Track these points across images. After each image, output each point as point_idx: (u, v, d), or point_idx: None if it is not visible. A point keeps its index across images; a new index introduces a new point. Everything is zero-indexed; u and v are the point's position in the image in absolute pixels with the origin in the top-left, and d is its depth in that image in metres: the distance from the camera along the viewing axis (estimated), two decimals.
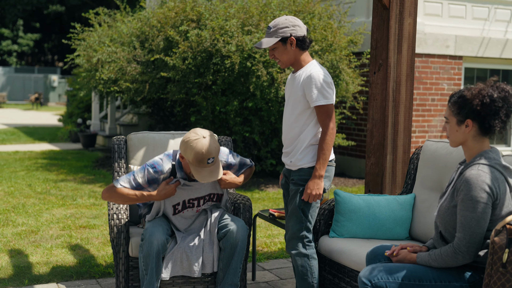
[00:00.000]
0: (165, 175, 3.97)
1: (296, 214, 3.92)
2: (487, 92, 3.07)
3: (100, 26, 12.10)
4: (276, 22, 3.87)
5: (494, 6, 10.91)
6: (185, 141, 3.81)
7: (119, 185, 3.94)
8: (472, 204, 2.99)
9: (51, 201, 8.07)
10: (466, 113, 3.11)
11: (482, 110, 3.07)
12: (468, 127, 3.12)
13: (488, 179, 3.01)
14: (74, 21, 39.33)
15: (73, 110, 16.67)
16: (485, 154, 3.12)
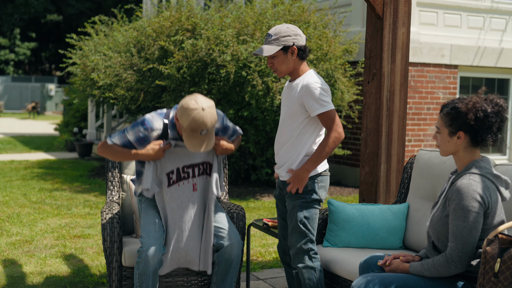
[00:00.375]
0: (156, 133, 3.88)
1: (298, 229, 3.86)
2: (481, 106, 3.07)
3: (97, 35, 12.12)
4: (278, 30, 3.78)
5: (489, 15, 10.95)
6: (184, 107, 3.71)
7: (110, 141, 3.93)
8: (463, 214, 2.99)
9: (46, 210, 8.05)
10: (459, 125, 3.11)
11: (476, 124, 3.07)
12: (460, 139, 3.13)
13: (479, 188, 3.01)
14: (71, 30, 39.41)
15: (69, 119, 16.66)
16: (476, 163, 3.12)
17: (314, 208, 3.87)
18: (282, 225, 4.12)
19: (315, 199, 3.86)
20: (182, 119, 3.72)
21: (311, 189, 3.84)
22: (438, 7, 10.48)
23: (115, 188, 4.68)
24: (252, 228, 6.79)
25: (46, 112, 40.13)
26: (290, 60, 3.80)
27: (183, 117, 3.71)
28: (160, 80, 9.14)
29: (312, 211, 3.87)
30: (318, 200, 3.88)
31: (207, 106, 3.72)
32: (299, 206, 3.85)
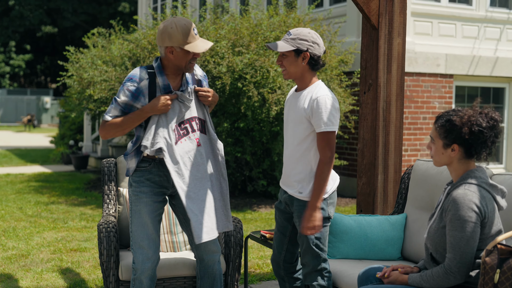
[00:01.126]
0: (144, 83, 3.71)
1: (312, 251, 3.78)
2: (476, 120, 3.07)
3: (94, 47, 12.12)
4: (299, 31, 3.71)
5: (483, 25, 10.98)
6: (164, 30, 3.65)
7: (108, 117, 3.73)
8: (460, 224, 2.98)
9: (42, 224, 8.01)
10: (453, 138, 3.10)
11: (470, 139, 3.07)
12: (454, 151, 3.12)
13: (476, 198, 3.00)
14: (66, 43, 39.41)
15: (65, 131, 16.63)
16: (471, 173, 3.11)
17: (324, 227, 3.78)
18: (279, 238, 4.03)
19: (325, 217, 3.77)
20: (172, 38, 3.63)
21: (321, 208, 3.75)
22: (432, 17, 10.51)
23: (111, 202, 4.66)
24: (249, 240, 6.76)
25: (42, 124, 40.08)
26: (300, 65, 3.71)
27: (172, 36, 3.63)
28: None
29: (323, 230, 3.78)
30: (328, 218, 3.80)
31: (174, 16, 3.71)
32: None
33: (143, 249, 3.80)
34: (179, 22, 3.65)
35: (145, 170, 3.81)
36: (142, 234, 3.80)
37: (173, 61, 3.71)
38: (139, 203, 3.80)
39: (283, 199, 3.93)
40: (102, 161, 4.76)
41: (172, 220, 4.48)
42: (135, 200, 3.82)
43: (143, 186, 3.81)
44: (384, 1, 4.77)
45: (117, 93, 3.74)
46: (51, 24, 39.54)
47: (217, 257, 3.98)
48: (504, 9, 11.23)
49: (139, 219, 3.80)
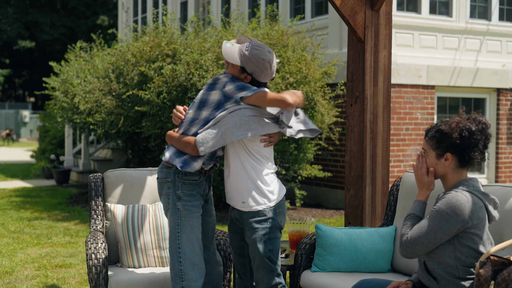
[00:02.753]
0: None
1: (265, 265, 3.75)
2: (465, 125, 3.09)
3: (76, 60, 12.07)
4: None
5: (464, 36, 11.09)
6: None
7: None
8: (436, 215, 3.02)
9: (25, 240, 7.91)
10: (446, 146, 3.12)
11: (462, 143, 3.09)
12: (448, 160, 3.14)
13: (465, 201, 3.01)
14: (45, 56, 39.20)
15: (46, 146, 16.50)
16: (464, 182, 3.14)
17: (276, 238, 3.79)
18: (240, 261, 4.01)
19: (275, 227, 3.78)
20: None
21: (270, 217, 3.76)
22: (413, 29, 10.60)
23: (98, 217, 4.62)
24: None
25: (21, 139, 39.74)
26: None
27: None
28: (139, 106, 9.09)
29: (275, 242, 3.78)
30: (279, 228, 3.81)
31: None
32: (261, 240, 3.74)
33: (195, 265, 3.75)
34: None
35: (196, 184, 3.79)
36: (194, 249, 3.76)
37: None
38: (192, 217, 3.76)
39: (233, 215, 3.91)
40: (89, 176, 4.72)
41: (160, 235, 4.45)
42: (187, 215, 3.75)
43: (195, 200, 3.78)
44: (369, 14, 4.80)
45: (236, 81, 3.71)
46: (29, 37, 39.29)
47: (221, 267, 4.03)
48: (483, 20, 11.36)
49: (191, 234, 3.75)
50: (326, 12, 10.98)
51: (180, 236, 3.74)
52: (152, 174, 4.75)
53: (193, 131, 3.74)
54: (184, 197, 3.75)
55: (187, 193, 3.76)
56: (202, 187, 3.82)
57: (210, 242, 4.01)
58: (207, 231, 3.99)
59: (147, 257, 4.40)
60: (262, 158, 3.76)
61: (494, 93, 11.41)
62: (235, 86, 3.68)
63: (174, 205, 3.77)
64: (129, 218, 4.43)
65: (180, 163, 3.73)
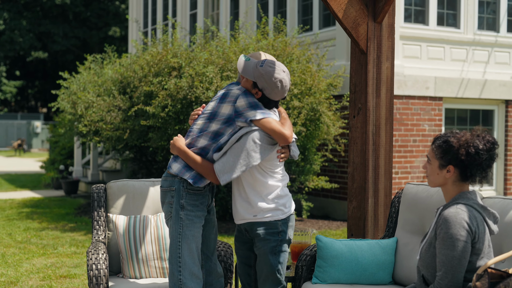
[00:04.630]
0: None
1: (273, 277, 3.82)
2: (473, 142, 3.09)
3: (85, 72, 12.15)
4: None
5: (472, 48, 11.07)
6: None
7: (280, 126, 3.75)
8: (452, 242, 2.98)
9: (32, 250, 7.94)
10: (450, 159, 3.12)
11: (466, 160, 3.09)
12: (450, 172, 3.14)
13: (467, 217, 3.02)
14: (57, 67, 39.44)
15: (55, 156, 16.58)
16: (463, 195, 3.13)
17: (286, 252, 3.85)
18: (245, 271, 4.04)
19: (285, 240, 3.83)
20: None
21: (282, 230, 3.81)
22: (421, 40, 10.60)
23: (101, 228, 4.63)
24: None
25: (32, 149, 39.93)
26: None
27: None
28: (145, 119, 9.13)
29: (284, 255, 3.84)
30: (288, 241, 3.87)
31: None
32: (272, 252, 3.78)
33: (194, 275, 3.76)
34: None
35: (200, 194, 3.81)
36: (194, 260, 3.77)
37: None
38: (193, 228, 3.77)
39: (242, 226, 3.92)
40: (91, 187, 4.74)
41: (162, 245, 4.46)
42: (189, 225, 3.76)
43: (198, 210, 3.80)
44: (372, 26, 4.81)
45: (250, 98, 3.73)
46: (42, 48, 39.58)
47: (223, 281, 4.04)
48: (491, 32, 11.34)
49: (192, 244, 3.76)
50: (334, 24, 11.00)
51: (181, 246, 3.74)
52: (154, 185, 4.76)
53: (201, 143, 3.75)
54: (187, 207, 3.76)
55: (190, 203, 3.77)
56: (206, 197, 3.84)
57: (212, 254, 4.02)
58: (209, 242, 3.99)
59: (149, 268, 4.41)
60: (275, 171, 3.81)
61: (502, 105, 11.37)
62: (247, 103, 3.70)
63: (177, 214, 3.77)
64: (130, 228, 4.44)
65: (191, 179, 3.75)
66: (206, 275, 3.98)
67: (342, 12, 4.71)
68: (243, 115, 3.68)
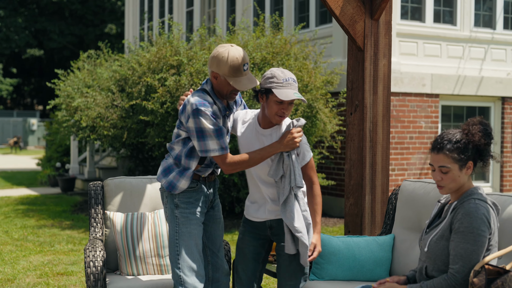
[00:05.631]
0: (214, 106, 3.66)
1: (302, 271, 3.90)
2: (475, 129, 3.10)
3: (80, 71, 12.13)
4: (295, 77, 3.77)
5: (468, 45, 11.09)
6: (215, 56, 3.62)
7: (227, 151, 3.68)
8: (473, 237, 2.99)
9: (29, 247, 7.94)
10: (469, 155, 3.12)
11: (483, 148, 3.11)
12: (469, 168, 3.14)
13: (487, 212, 3.04)
14: (53, 64, 39.36)
15: (51, 154, 16.56)
16: (474, 190, 3.15)
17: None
18: (252, 267, 4.02)
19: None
20: (220, 67, 3.62)
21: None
22: (418, 37, 10.61)
23: (98, 225, 4.63)
24: None
25: (29, 146, 39.87)
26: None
27: (221, 64, 3.61)
28: (143, 115, 9.12)
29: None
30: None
31: (234, 44, 3.68)
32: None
33: (194, 272, 3.77)
34: (232, 53, 3.61)
35: (193, 191, 3.82)
36: (193, 256, 3.79)
37: (216, 86, 3.72)
38: (190, 225, 3.79)
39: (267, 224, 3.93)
40: (88, 184, 4.74)
41: (160, 243, 4.46)
42: (184, 222, 3.79)
43: (192, 207, 3.82)
44: (369, 23, 4.82)
45: (196, 123, 3.62)
46: (38, 46, 39.50)
47: (229, 279, 4.06)
48: (488, 29, 11.36)
49: (190, 241, 3.78)
50: (330, 21, 11.00)
51: (179, 243, 3.77)
52: (151, 182, 4.77)
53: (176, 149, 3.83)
54: (181, 205, 3.79)
55: (184, 200, 3.80)
56: (201, 194, 3.84)
57: (218, 250, 4.04)
58: (214, 238, 4.01)
59: (146, 265, 4.41)
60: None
61: (498, 102, 11.39)
62: (194, 128, 3.71)
63: (172, 213, 3.82)
64: (128, 226, 4.44)
65: (166, 184, 3.82)
66: (212, 271, 4.01)
67: (339, 9, 4.71)
68: (192, 139, 3.70)
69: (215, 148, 3.64)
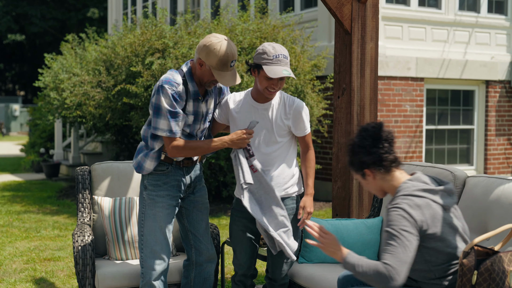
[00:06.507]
0: (180, 87, 3.66)
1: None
2: (350, 141, 3.20)
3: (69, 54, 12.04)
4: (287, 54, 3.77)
5: (453, 28, 11.12)
6: (207, 45, 3.60)
7: (178, 135, 3.68)
8: (394, 234, 2.91)
9: (14, 233, 7.90)
10: (356, 167, 3.16)
11: (371, 151, 3.11)
12: (369, 175, 3.15)
13: (408, 207, 2.96)
14: (35, 49, 38.98)
15: (35, 139, 16.44)
16: (403, 185, 3.08)
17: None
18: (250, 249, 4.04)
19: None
20: (209, 58, 3.61)
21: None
22: (403, 21, 10.61)
23: (86, 210, 4.62)
24: (226, 246, 6.73)
25: (11, 132, 39.55)
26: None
27: (211, 55, 3.60)
28: (128, 98, 9.07)
29: None
30: None
31: (227, 38, 3.68)
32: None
33: (155, 253, 3.81)
34: (225, 48, 3.61)
35: (162, 174, 3.83)
36: (156, 238, 3.81)
37: (197, 72, 3.72)
38: (155, 207, 3.81)
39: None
40: (76, 169, 4.72)
41: None
42: (150, 204, 3.82)
43: (160, 190, 3.82)
44: (356, 6, 4.81)
45: (157, 100, 3.63)
46: (19, 31, 39.07)
47: (215, 262, 4.08)
48: (472, 12, 11.39)
49: (153, 223, 3.81)
50: (316, 5, 10.98)
51: (144, 225, 3.83)
52: None
53: (145, 131, 3.88)
54: (149, 187, 3.84)
55: (152, 183, 3.83)
56: (171, 177, 3.84)
57: (201, 235, 4.02)
58: (196, 223, 4.00)
59: (135, 250, 4.41)
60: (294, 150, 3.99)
61: (483, 85, 11.45)
62: (153, 104, 3.75)
63: (141, 194, 3.89)
64: (116, 211, 4.43)
65: (135, 165, 3.87)
66: (196, 255, 4.03)
67: None
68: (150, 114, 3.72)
69: (164, 128, 3.66)
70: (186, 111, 3.73)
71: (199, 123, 3.82)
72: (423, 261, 3.04)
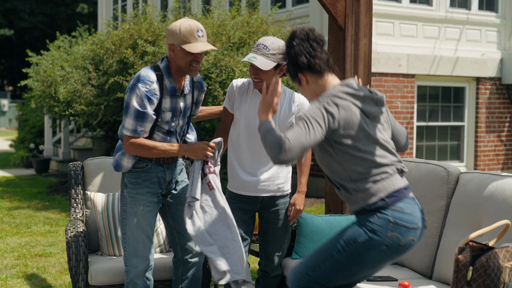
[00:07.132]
0: (154, 85, 3.62)
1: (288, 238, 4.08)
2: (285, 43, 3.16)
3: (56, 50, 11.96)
4: (276, 45, 3.77)
5: (444, 25, 11.15)
6: (169, 29, 3.64)
7: (130, 132, 3.64)
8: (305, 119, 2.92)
9: (5, 229, 7.86)
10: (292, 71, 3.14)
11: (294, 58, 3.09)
12: (303, 79, 3.12)
13: (325, 104, 2.95)
14: (24, 44, 38.74)
15: (25, 135, 16.36)
16: (332, 88, 3.07)
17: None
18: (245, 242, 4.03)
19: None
20: (174, 36, 3.60)
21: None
22: (394, 18, 10.63)
23: (78, 206, 4.60)
24: None
25: (0, 128, 39.36)
26: (272, 77, 3.79)
27: (175, 34, 3.60)
28: (121, 92, 9.03)
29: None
30: None
31: (188, 18, 3.68)
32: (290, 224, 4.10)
33: (138, 252, 3.77)
34: (185, 22, 3.62)
35: (142, 171, 3.79)
36: (138, 237, 3.77)
37: (174, 60, 3.67)
38: (136, 205, 3.78)
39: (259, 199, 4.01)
40: (68, 165, 4.70)
41: None
42: (131, 202, 3.78)
43: (140, 187, 3.79)
44: (350, 1, 4.80)
45: (128, 98, 3.62)
46: (8, 25, 38.84)
47: (202, 258, 4.04)
48: (463, 9, 11.42)
49: (135, 221, 3.77)
50: (307, 1, 10.97)
51: (126, 223, 3.80)
52: None
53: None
54: (129, 185, 3.80)
55: (132, 180, 3.80)
56: (151, 174, 3.80)
57: (185, 231, 3.97)
58: (181, 219, 3.92)
59: None
60: None
61: (473, 82, 11.49)
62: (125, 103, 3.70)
63: (122, 192, 3.85)
64: (109, 206, 4.41)
65: (114, 164, 3.85)
66: (181, 252, 3.99)
67: None
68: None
69: (129, 128, 3.65)
70: (163, 108, 3.69)
71: (178, 119, 3.80)
72: (334, 160, 3.03)
